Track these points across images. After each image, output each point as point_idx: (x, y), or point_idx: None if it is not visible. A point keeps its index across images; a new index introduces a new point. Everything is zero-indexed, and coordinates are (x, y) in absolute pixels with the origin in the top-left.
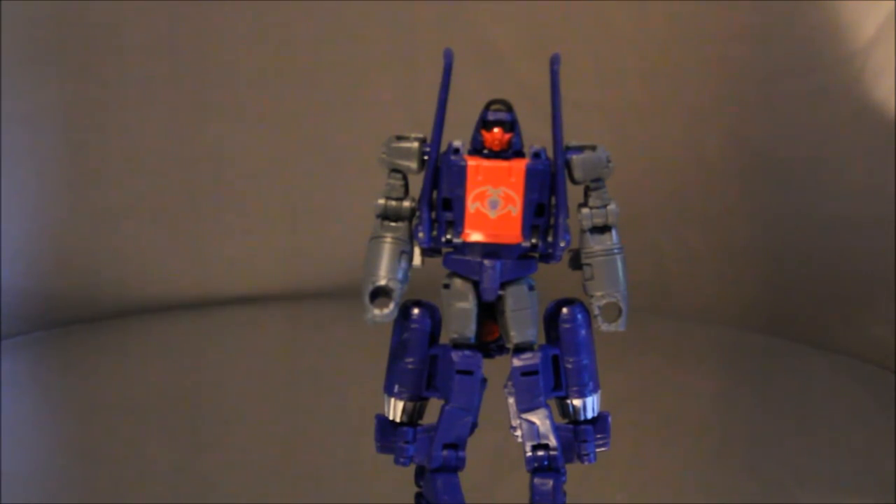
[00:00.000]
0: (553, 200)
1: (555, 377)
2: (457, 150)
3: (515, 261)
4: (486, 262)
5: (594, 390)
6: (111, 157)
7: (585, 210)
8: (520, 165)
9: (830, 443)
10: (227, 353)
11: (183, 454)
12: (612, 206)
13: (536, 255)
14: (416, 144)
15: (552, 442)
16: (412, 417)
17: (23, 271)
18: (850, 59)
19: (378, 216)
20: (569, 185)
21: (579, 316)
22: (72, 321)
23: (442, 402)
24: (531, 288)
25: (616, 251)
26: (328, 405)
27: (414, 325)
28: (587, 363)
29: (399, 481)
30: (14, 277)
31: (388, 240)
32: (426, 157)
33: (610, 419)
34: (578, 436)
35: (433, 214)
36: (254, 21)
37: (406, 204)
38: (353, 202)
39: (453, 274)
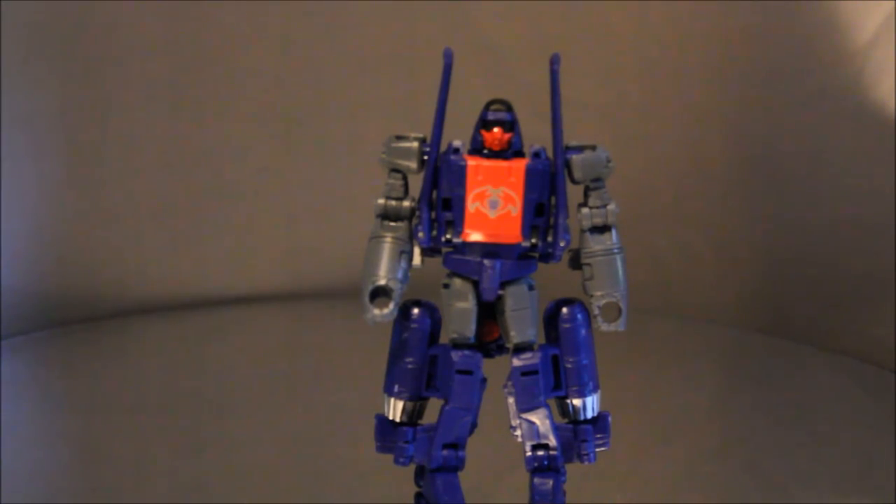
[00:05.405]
0: (553, 200)
1: (555, 377)
2: (457, 150)
3: (515, 261)
4: (486, 261)
5: (594, 390)
6: (111, 158)
7: (585, 210)
8: (519, 165)
9: (830, 443)
10: (227, 353)
11: (183, 454)
12: (611, 206)
13: (536, 254)
14: (415, 144)
15: (552, 442)
16: (412, 417)
17: (23, 271)
18: (850, 59)
19: (378, 216)
20: (569, 184)
21: (579, 316)
22: (72, 321)
23: (442, 401)
24: (531, 288)
25: (616, 251)
26: (328, 405)
27: (414, 325)
28: (587, 363)
29: (399, 481)
30: (14, 277)
31: (388, 239)
32: (426, 157)
33: (610, 419)
34: (578, 435)
35: (433, 214)
36: (254, 21)
37: (406, 204)
38: (352, 202)
39: (453, 274)
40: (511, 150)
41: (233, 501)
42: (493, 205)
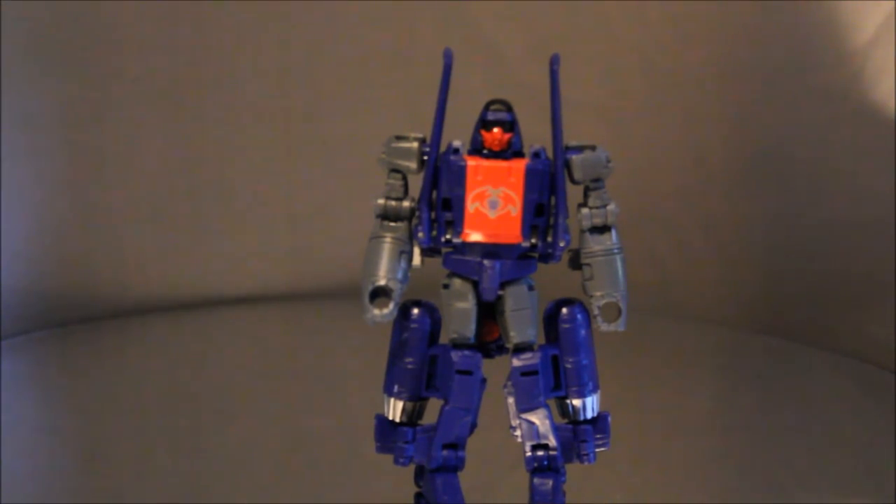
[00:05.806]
0: (553, 200)
1: (554, 377)
2: (456, 150)
3: (515, 261)
4: (486, 262)
5: (594, 390)
6: (111, 157)
7: (585, 210)
8: (519, 165)
9: (830, 443)
10: (227, 353)
11: (183, 454)
12: (611, 206)
13: (536, 255)
14: (415, 144)
15: (552, 442)
16: (412, 417)
17: (23, 271)
18: (850, 59)
19: (378, 216)
20: (568, 185)
21: (579, 316)
22: (72, 321)
23: (442, 402)
24: (531, 288)
25: (616, 251)
26: (328, 405)
27: (413, 325)
28: (587, 363)
29: (399, 481)
30: (14, 277)
31: (388, 240)
32: (426, 157)
33: (609, 419)
34: (578, 436)
35: (433, 214)
36: (253, 21)
37: (406, 204)
38: (353, 202)
39: (453, 274)
40: (511, 151)
41: (233, 501)
42: (492, 205)
